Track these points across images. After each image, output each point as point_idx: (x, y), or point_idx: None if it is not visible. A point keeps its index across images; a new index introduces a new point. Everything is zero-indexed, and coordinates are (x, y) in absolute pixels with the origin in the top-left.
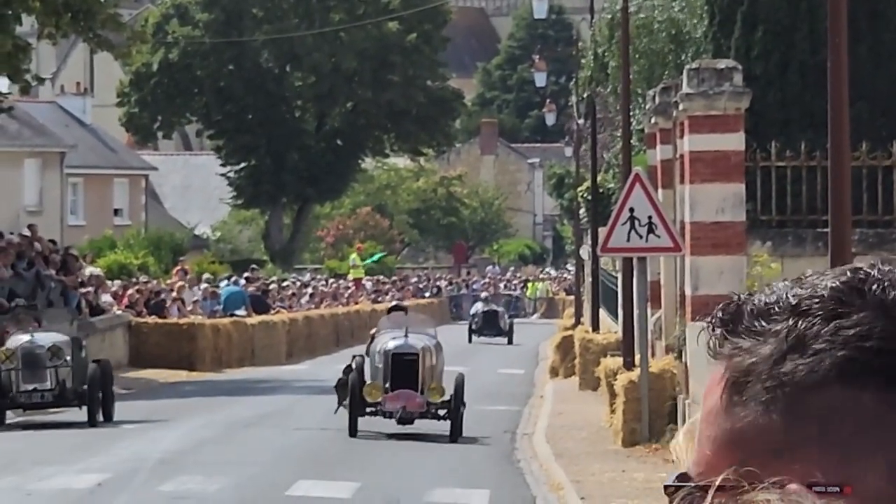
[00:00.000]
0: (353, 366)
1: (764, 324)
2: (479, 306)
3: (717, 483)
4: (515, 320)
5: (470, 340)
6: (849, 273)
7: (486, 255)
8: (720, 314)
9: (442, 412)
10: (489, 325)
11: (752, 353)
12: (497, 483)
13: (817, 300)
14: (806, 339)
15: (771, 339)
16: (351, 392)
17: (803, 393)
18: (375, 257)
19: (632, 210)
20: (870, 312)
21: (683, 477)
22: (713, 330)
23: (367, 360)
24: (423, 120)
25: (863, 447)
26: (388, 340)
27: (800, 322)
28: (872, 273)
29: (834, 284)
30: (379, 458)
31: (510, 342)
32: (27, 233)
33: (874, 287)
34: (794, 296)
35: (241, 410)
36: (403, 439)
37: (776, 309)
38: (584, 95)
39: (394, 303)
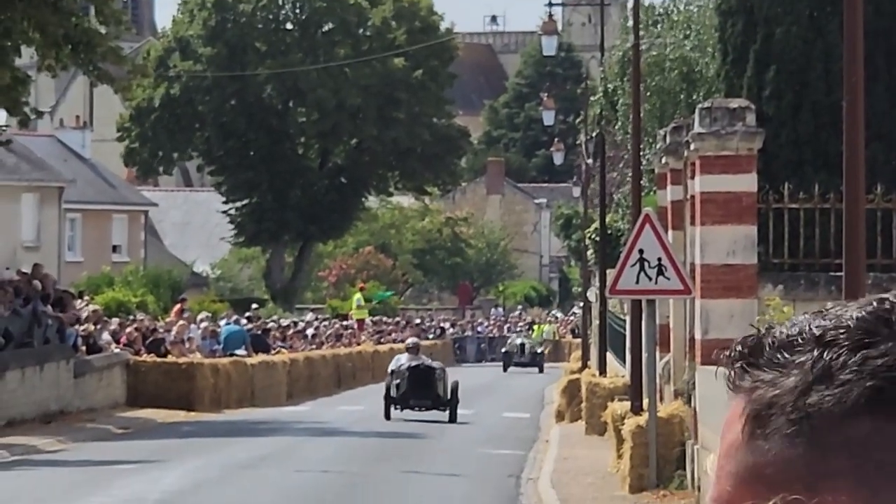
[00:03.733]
0: None
1: (787, 355)
2: (402, 359)
3: None
4: (527, 368)
5: (388, 415)
6: (875, 304)
7: (490, 297)
8: (740, 347)
9: None
10: (419, 390)
11: (775, 385)
12: None
13: (843, 331)
14: (832, 370)
15: (795, 370)
16: None
17: (831, 424)
18: (382, 295)
19: (641, 251)
20: None
21: None
22: (733, 363)
23: None
24: (429, 158)
25: (893, 478)
26: None
27: (825, 353)
28: None
29: (860, 315)
30: (381, 501)
31: (452, 419)
32: (26, 270)
33: None
34: (817, 327)
35: (240, 451)
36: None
37: (799, 341)
38: (593, 134)
39: None
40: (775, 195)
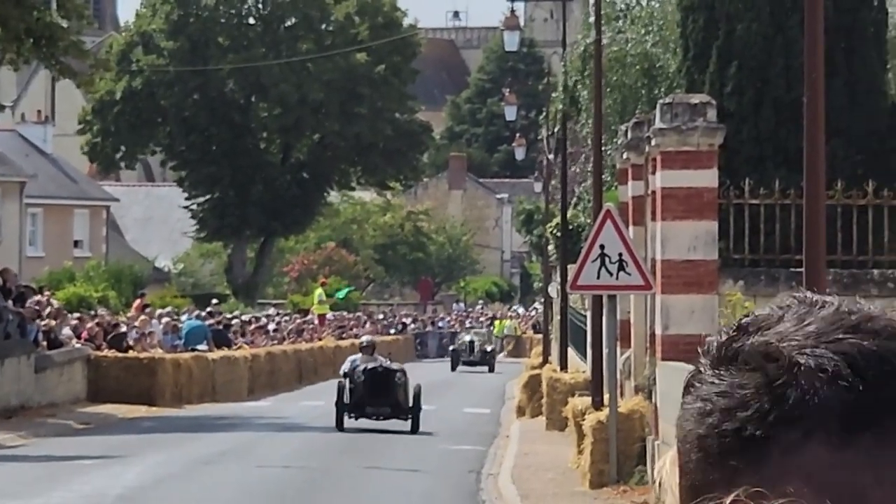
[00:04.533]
0: None
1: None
2: (356, 360)
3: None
4: (476, 367)
5: (340, 425)
6: (746, 316)
7: (452, 292)
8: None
9: None
10: (377, 395)
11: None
12: None
13: (714, 341)
14: (690, 383)
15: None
16: None
17: (683, 440)
18: (343, 292)
19: (602, 247)
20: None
21: None
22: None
23: None
24: (391, 153)
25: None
26: None
27: (697, 364)
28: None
29: (729, 324)
30: (342, 496)
31: (415, 429)
32: None
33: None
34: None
35: (202, 447)
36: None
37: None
38: (555, 130)
39: None
40: (736, 191)
